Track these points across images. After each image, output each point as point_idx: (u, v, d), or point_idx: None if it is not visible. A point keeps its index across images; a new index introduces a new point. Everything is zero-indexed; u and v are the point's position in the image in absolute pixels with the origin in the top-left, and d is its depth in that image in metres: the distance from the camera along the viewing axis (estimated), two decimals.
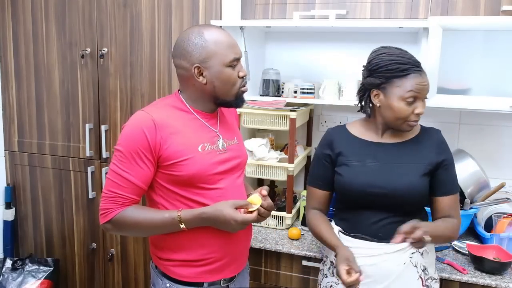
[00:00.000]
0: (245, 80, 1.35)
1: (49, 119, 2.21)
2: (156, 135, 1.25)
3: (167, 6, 1.94)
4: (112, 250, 2.20)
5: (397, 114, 1.37)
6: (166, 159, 1.27)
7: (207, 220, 1.27)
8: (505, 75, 1.69)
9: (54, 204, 2.28)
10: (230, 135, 1.43)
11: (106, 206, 1.28)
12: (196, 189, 1.31)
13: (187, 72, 1.30)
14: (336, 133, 1.52)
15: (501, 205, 1.85)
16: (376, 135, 1.47)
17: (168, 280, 1.37)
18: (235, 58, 1.30)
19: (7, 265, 2.22)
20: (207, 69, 1.28)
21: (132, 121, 1.29)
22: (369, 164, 1.42)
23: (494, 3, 1.73)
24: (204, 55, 1.27)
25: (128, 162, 1.26)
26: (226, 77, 1.30)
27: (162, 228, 1.30)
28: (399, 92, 1.35)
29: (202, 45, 1.27)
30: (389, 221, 1.39)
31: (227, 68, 1.29)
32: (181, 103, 1.35)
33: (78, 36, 2.08)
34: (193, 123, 1.34)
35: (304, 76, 2.21)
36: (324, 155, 1.50)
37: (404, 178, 1.39)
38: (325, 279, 1.50)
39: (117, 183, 1.27)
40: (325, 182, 1.51)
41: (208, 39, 1.27)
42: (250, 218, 1.26)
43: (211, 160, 1.32)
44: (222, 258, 1.36)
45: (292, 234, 1.85)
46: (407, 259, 1.37)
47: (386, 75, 1.36)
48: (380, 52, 1.40)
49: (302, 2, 1.96)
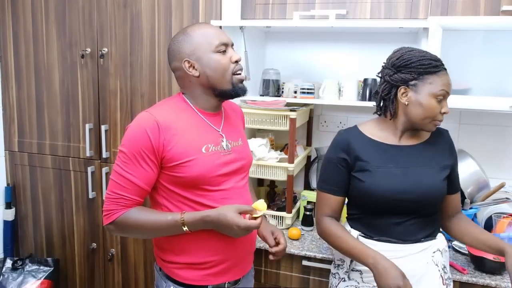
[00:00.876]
0: (239, 65, 1.34)
1: (49, 119, 2.21)
2: (160, 136, 1.24)
3: (167, 6, 1.94)
4: (112, 250, 2.20)
5: (427, 112, 1.33)
6: (170, 160, 1.26)
7: (210, 224, 1.26)
8: (505, 75, 1.69)
9: (54, 204, 2.28)
10: (235, 136, 1.42)
11: (109, 208, 1.28)
12: (200, 191, 1.30)
13: (180, 70, 1.32)
14: (351, 136, 1.43)
15: (501, 205, 1.85)
16: (394, 137, 1.42)
17: (172, 283, 1.36)
18: (221, 43, 1.30)
19: (7, 265, 2.22)
20: (197, 61, 1.29)
21: (135, 122, 1.28)
22: (392, 169, 1.37)
23: (494, 3, 1.73)
24: (191, 48, 1.29)
25: (132, 164, 1.25)
26: (216, 63, 1.29)
27: (165, 231, 1.29)
28: (431, 89, 1.32)
29: (186, 40, 1.30)
30: (412, 222, 1.37)
31: (215, 54, 1.29)
32: (184, 103, 1.35)
33: (78, 36, 2.08)
34: (197, 123, 1.33)
35: (304, 76, 2.21)
36: (339, 159, 1.41)
37: (430, 182, 1.37)
38: (342, 282, 1.46)
39: (120, 184, 1.26)
40: (340, 187, 1.43)
41: (191, 33, 1.30)
42: (253, 224, 1.23)
43: (215, 162, 1.31)
44: (226, 261, 1.35)
45: (292, 234, 1.85)
46: (429, 258, 1.37)
47: (419, 70, 1.32)
48: (408, 49, 1.37)
49: (302, 2, 1.96)
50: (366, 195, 1.38)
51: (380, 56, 2.11)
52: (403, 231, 1.37)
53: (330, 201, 1.45)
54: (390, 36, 2.08)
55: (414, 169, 1.38)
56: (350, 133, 1.44)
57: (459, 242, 1.68)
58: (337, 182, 1.43)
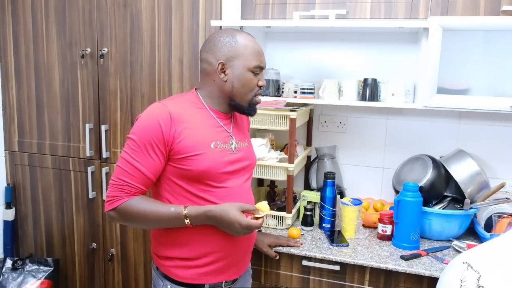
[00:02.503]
0: (261, 90, 1.39)
1: (49, 119, 2.21)
2: (171, 128, 1.26)
3: (167, 6, 1.94)
4: (112, 250, 2.20)
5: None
6: (178, 152, 1.27)
7: (212, 219, 1.27)
8: (505, 75, 1.69)
9: (54, 204, 2.28)
10: (242, 137, 1.45)
11: (113, 194, 1.28)
12: (204, 186, 1.31)
13: (211, 66, 1.33)
14: None
15: (501, 205, 1.85)
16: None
17: (169, 282, 1.37)
18: (259, 66, 1.35)
19: (7, 265, 2.22)
20: (230, 68, 1.32)
21: (148, 111, 1.29)
22: None
23: (494, 3, 1.72)
24: (231, 54, 1.31)
25: (140, 152, 1.26)
26: (246, 80, 1.33)
27: (167, 222, 1.30)
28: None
29: (232, 44, 1.32)
30: None
31: (249, 72, 1.33)
32: (198, 100, 1.37)
33: (78, 36, 2.08)
34: (208, 120, 1.35)
35: (304, 76, 2.21)
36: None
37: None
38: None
39: (127, 171, 1.27)
40: None
41: (239, 41, 1.33)
42: (254, 224, 1.25)
43: (222, 159, 1.33)
44: (224, 260, 1.36)
45: (292, 234, 1.85)
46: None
47: None
48: None
49: (302, 2, 1.96)
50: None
51: (380, 56, 2.13)
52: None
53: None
54: (390, 36, 2.08)
55: None
56: None
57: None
58: None
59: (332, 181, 1.92)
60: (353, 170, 2.24)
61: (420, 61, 1.81)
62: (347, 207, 1.89)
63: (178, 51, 1.95)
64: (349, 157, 2.24)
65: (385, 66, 2.10)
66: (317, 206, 2.00)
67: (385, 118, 2.17)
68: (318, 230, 1.96)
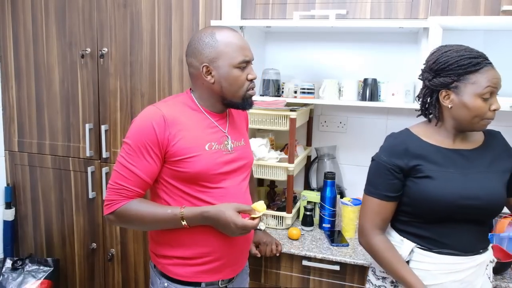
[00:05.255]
0: (253, 83, 1.37)
1: (49, 119, 2.21)
2: (165, 131, 1.26)
3: (167, 6, 1.94)
4: (112, 250, 2.20)
5: (473, 112, 1.24)
6: (173, 155, 1.28)
7: (209, 220, 1.27)
8: (505, 75, 1.68)
9: (54, 204, 2.28)
10: (238, 137, 1.44)
11: (111, 198, 1.29)
12: (199, 187, 1.32)
13: (196, 70, 1.32)
14: (409, 140, 1.33)
15: None
16: (448, 140, 1.33)
17: (166, 280, 1.37)
18: (244, 60, 1.32)
19: (7, 265, 2.22)
20: (215, 69, 1.30)
21: (142, 115, 1.30)
22: (453, 174, 1.28)
23: (494, 3, 1.73)
24: (213, 55, 1.29)
25: (136, 156, 1.27)
26: (233, 78, 1.31)
27: (164, 224, 1.31)
28: (474, 89, 1.23)
29: (212, 45, 1.29)
30: (471, 231, 1.29)
31: (235, 69, 1.31)
32: (192, 102, 1.36)
33: (78, 36, 2.08)
34: (203, 122, 1.35)
35: (304, 76, 2.21)
36: (393, 165, 1.30)
37: (492, 187, 1.29)
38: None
39: (123, 175, 1.28)
40: (392, 193, 1.32)
41: (219, 39, 1.29)
42: (250, 224, 1.25)
43: (217, 160, 1.33)
44: (221, 259, 1.36)
45: (292, 234, 1.85)
46: (485, 270, 1.33)
47: (458, 72, 1.24)
48: (444, 50, 1.28)
49: (302, 2, 1.96)
50: (425, 201, 1.28)
51: (380, 56, 2.13)
52: (462, 241, 1.29)
53: (380, 208, 1.34)
54: (390, 36, 2.08)
55: (475, 174, 1.29)
56: (407, 138, 1.34)
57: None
58: (388, 187, 1.33)
59: (332, 181, 1.92)
60: (353, 170, 2.24)
61: (420, 61, 1.81)
62: (347, 207, 1.89)
63: (178, 51, 1.95)
64: (349, 157, 2.24)
65: (385, 66, 2.10)
66: (317, 206, 2.00)
67: (385, 118, 2.17)
68: (318, 230, 1.96)
